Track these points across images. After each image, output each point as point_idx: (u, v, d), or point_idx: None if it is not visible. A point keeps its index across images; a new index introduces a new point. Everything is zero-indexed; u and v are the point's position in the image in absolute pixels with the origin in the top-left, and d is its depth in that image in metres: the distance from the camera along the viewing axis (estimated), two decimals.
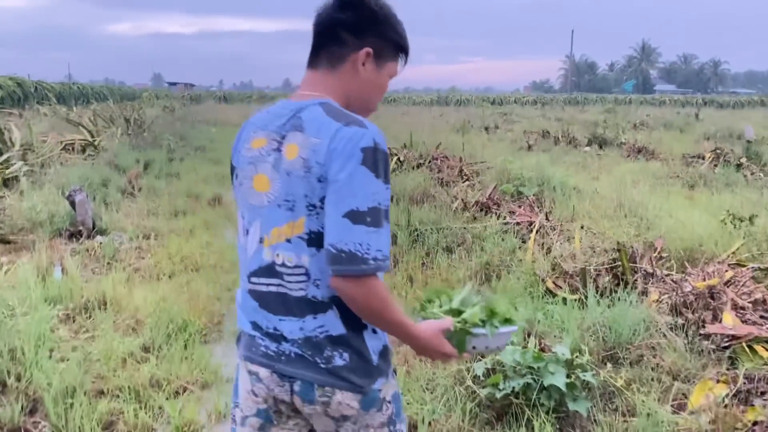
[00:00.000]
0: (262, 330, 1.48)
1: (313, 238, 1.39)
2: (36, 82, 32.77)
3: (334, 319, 1.42)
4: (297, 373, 1.43)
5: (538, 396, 2.83)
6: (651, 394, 2.96)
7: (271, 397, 1.47)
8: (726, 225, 5.50)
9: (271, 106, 1.54)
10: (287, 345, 1.44)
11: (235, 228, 1.62)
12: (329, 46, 1.49)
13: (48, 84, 34.52)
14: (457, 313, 1.57)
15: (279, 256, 1.43)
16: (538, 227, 5.83)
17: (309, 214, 1.39)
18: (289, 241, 1.42)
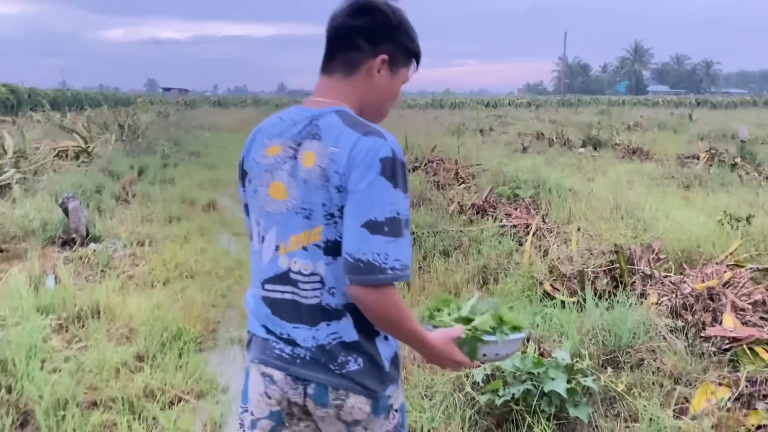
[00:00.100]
0: (275, 334, 1.49)
1: (330, 247, 1.41)
2: (29, 88, 32.65)
3: (348, 327, 1.43)
4: (311, 375, 1.44)
5: (538, 402, 2.79)
6: (653, 398, 2.93)
7: (285, 399, 1.48)
8: (723, 225, 5.48)
9: (283, 112, 1.53)
10: (301, 349, 1.45)
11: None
12: (344, 52, 1.49)
13: (41, 91, 34.41)
14: (467, 321, 1.59)
15: (296, 263, 1.44)
16: (534, 230, 5.80)
17: (327, 223, 1.40)
18: (305, 249, 1.43)
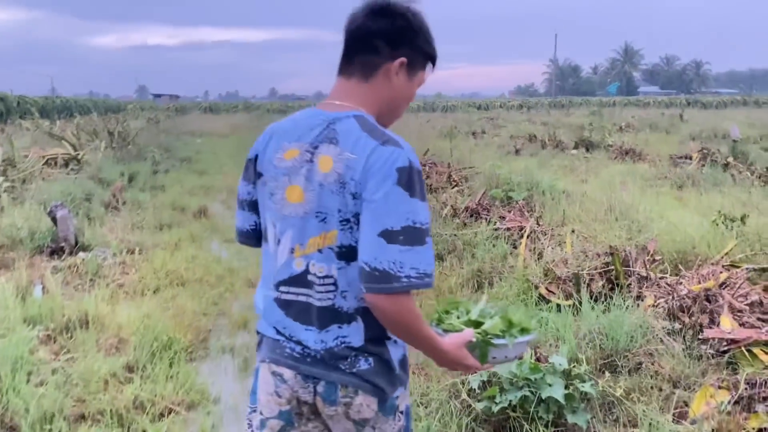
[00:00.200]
0: (285, 336, 1.50)
1: (344, 252, 1.42)
2: (18, 96, 32.41)
3: (358, 331, 1.45)
4: (321, 374, 1.45)
5: (536, 409, 2.74)
6: (651, 403, 2.88)
7: (295, 398, 1.49)
8: (717, 226, 5.45)
9: (299, 114, 1.54)
10: (311, 350, 1.47)
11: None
12: (363, 55, 1.50)
13: (31, 98, 34.16)
14: (476, 324, 1.61)
15: (314, 265, 1.45)
16: (528, 232, 5.76)
17: (342, 228, 1.41)
18: (320, 251, 1.44)
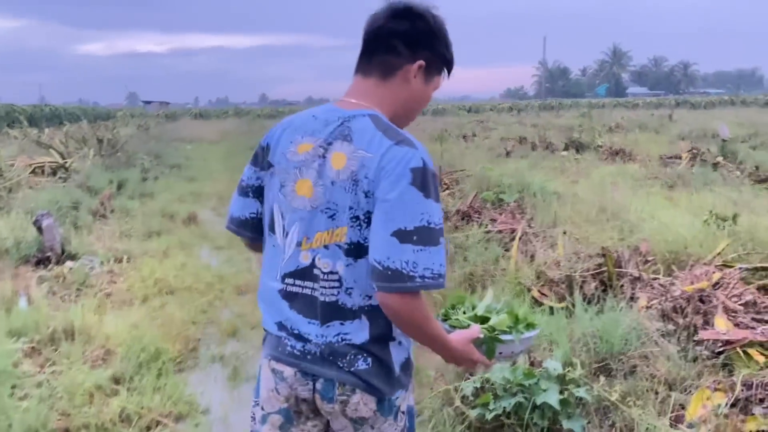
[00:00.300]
0: (287, 330, 1.50)
1: (352, 249, 1.42)
2: (6, 105, 32.17)
3: (360, 329, 1.44)
4: (320, 371, 1.46)
5: (530, 415, 2.69)
6: (647, 407, 2.84)
7: (294, 396, 1.50)
8: (709, 225, 5.44)
9: (315, 110, 1.55)
10: (312, 346, 1.47)
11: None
12: (382, 55, 1.51)
13: (19, 107, 33.90)
14: (482, 320, 1.62)
15: (319, 260, 1.45)
16: (520, 234, 5.72)
17: (352, 225, 1.41)
18: (326, 247, 1.44)
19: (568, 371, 2.89)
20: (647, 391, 3.00)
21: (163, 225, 8.03)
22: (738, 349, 3.23)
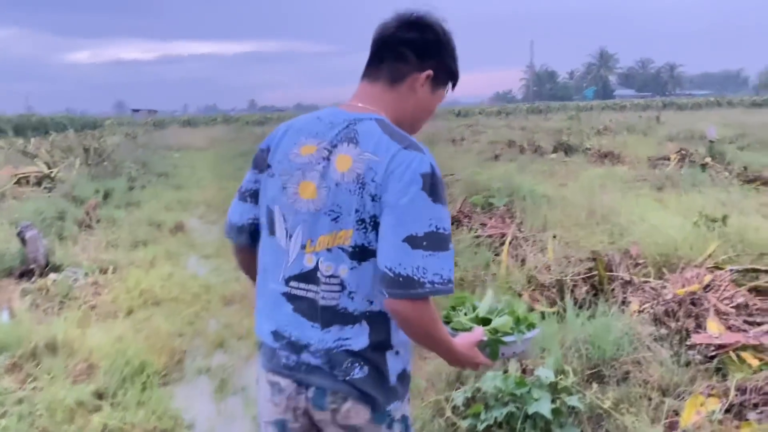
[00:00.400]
0: (283, 339, 1.49)
1: (357, 252, 1.41)
2: None
3: (360, 334, 1.43)
4: (314, 381, 1.45)
5: (522, 425, 2.63)
6: (641, 414, 2.79)
7: (291, 408, 1.50)
8: (699, 227, 5.42)
9: (319, 112, 1.54)
10: (307, 355, 1.46)
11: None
12: (391, 62, 1.51)
13: (5, 117, 33.65)
14: (484, 321, 1.63)
15: (322, 263, 1.44)
16: (510, 239, 5.68)
17: (357, 228, 1.40)
18: (329, 250, 1.43)
19: (560, 379, 2.85)
20: (640, 397, 2.96)
21: (150, 234, 7.93)
22: (731, 353, 3.19)
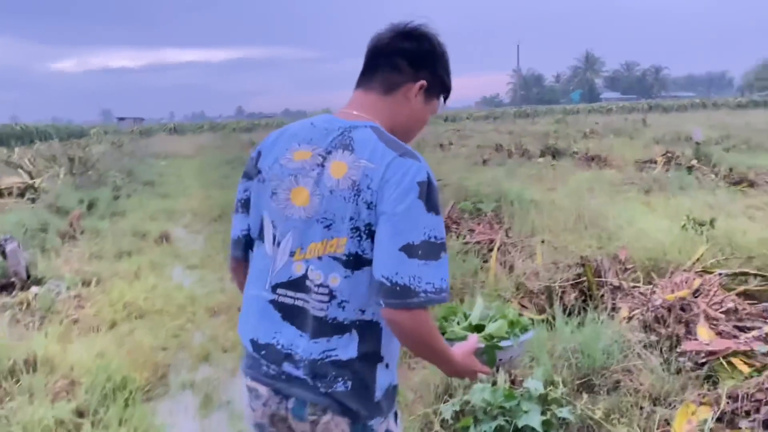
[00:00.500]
0: (267, 348, 1.47)
1: (351, 260, 1.38)
2: None
3: (349, 344, 1.40)
4: (293, 392, 1.43)
5: None
6: (632, 424, 2.75)
7: (268, 415, 1.48)
8: (687, 230, 5.41)
9: (313, 119, 1.53)
10: (289, 365, 1.43)
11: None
12: (386, 71, 1.51)
13: None
14: (478, 328, 1.61)
15: (312, 271, 1.42)
16: (498, 245, 5.64)
17: (351, 236, 1.38)
18: (320, 258, 1.41)
19: (550, 390, 2.80)
20: (631, 407, 2.91)
21: (134, 244, 7.81)
22: (721, 359, 3.16)
